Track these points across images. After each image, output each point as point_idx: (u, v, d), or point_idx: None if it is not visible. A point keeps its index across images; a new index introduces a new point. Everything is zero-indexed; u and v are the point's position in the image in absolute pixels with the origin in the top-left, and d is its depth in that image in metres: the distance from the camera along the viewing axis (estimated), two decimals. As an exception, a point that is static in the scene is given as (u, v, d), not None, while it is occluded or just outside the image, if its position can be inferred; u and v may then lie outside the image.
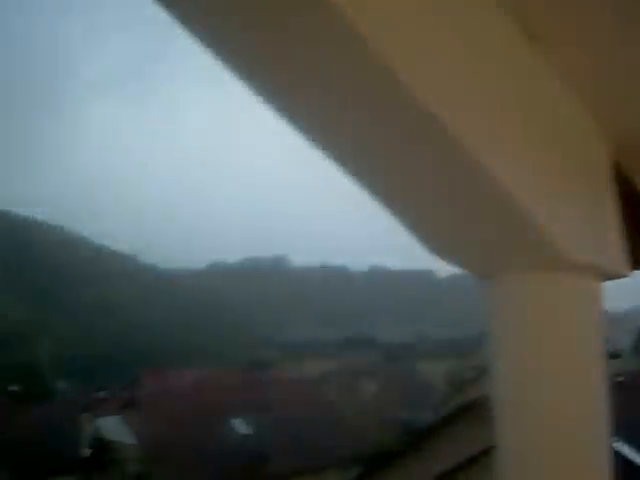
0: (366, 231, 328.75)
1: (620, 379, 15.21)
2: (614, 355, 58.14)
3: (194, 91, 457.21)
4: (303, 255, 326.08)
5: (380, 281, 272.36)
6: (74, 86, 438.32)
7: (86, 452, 43.85)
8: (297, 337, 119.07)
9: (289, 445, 39.77)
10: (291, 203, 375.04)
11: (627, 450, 14.34)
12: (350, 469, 35.21)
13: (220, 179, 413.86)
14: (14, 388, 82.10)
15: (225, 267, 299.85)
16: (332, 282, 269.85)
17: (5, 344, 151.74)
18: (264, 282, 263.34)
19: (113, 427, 40.24)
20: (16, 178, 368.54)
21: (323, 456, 39.10)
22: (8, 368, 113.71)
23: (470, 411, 15.01)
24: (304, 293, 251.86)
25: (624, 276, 1.99)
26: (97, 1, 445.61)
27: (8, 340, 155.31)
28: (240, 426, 40.69)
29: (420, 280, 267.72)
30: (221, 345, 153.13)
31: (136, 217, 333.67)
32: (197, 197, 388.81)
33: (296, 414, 42.39)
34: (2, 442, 53.10)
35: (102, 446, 40.95)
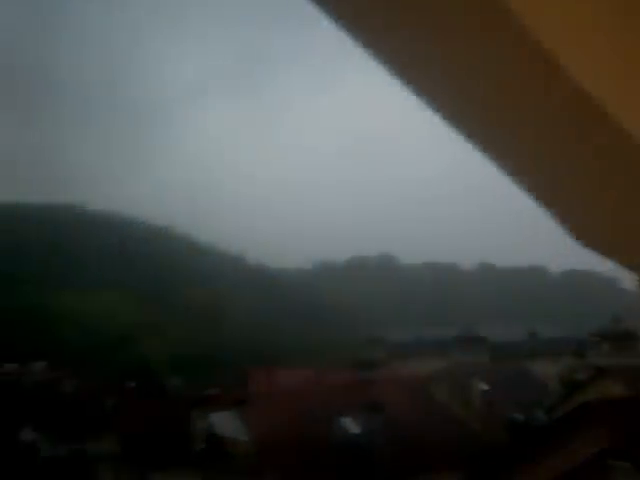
0: (476, 228, 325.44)
1: None
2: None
3: (296, 92, 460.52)
4: (410, 253, 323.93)
5: (490, 278, 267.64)
6: (178, 88, 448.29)
7: (200, 446, 44.92)
8: (405, 336, 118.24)
9: (399, 445, 39.62)
10: (399, 201, 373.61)
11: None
12: (462, 470, 34.88)
13: (324, 179, 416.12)
14: (131, 385, 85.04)
15: (332, 266, 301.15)
16: (440, 280, 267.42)
17: (121, 343, 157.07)
18: (371, 281, 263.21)
19: (226, 423, 41.03)
20: (125, 180, 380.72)
21: (434, 456, 38.76)
22: (125, 366, 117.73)
23: (587, 412, 14.66)
24: (412, 291, 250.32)
25: None
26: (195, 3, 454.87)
27: (124, 339, 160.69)
28: (350, 425, 40.80)
29: (531, 277, 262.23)
30: (329, 344, 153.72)
31: (243, 217, 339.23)
32: (302, 197, 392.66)
33: (405, 414, 42.19)
34: (119, 436, 55.17)
35: (216, 441, 41.82)
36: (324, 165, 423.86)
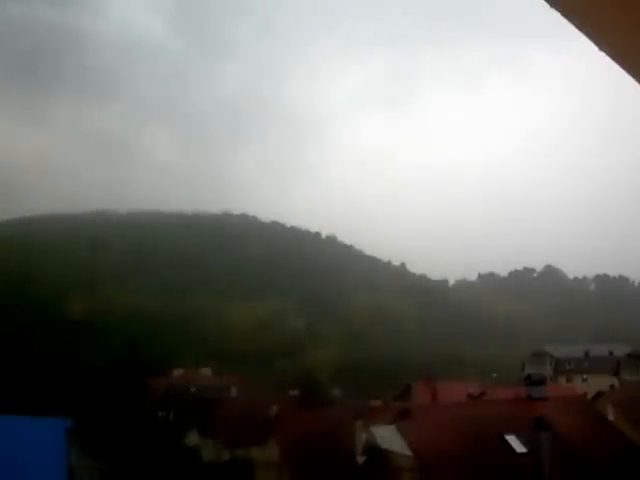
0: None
1: None
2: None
3: (442, 106, 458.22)
4: (576, 265, 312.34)
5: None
6: (328, 104, 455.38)
7: (360, 459, 44.65)
8: (572, 352, 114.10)
9: (566, 466, 37.93)
10: (565, 212, 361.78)
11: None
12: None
13: (485, 190, 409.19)
14: (294, 393, 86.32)
15: (496, 278, 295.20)
16: (609, 294, 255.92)
17: (286, 351, 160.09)
18: (535, 293, 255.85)
19: (388, 436, 40.57)
20: (286, 193, 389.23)
21: (603, 477, 36.89)
22: (289, 374, 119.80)
23: None
24: (578, 305, 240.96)
25: None
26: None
27: (288, 347, 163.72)
28: (514, 443, 39.41)
29: None
30: (493, 358, 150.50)
31: (404, 228, 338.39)
32: (461, 208, 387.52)
33: (573, 433, 40.35)
34: (281, 444, 55.84)
35: (377, 454, 41.44)
36: (485, 176, 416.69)
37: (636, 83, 2.79)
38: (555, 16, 2.51)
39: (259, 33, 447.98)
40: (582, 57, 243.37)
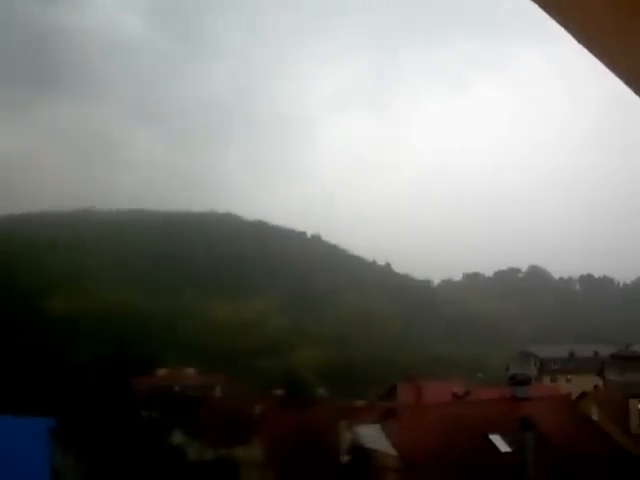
0: (632, 243, 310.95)
1: None
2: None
3: (425, 105, 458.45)
4: (562, 265, 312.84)
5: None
6: (314, 103, 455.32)
7: (344, 458, 44.63)
8: (557, 352, 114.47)
9: (551, 466, 38.05)
10: (551, 211, 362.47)
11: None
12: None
13: (469, 189, 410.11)
14: (279, 393, 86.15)
15: (481, 278, 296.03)
16: (594, 294, 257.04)
17: (270, 351, 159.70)
18: (520, 293, 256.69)
19: (373, 436, 40.60)
20: (271, 192, 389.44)
21: (587, 476, 37.06)
22: (273, 374, 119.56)
23: None
24: (564, 306, 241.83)
25: None
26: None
27: (273, 347, 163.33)
28: (499, 443, 39.51)
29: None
30: (477, 358, 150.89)
31: (387, 229, 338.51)
32: (446, 208, 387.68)
33: (557, 433, 40.49)
34: (266, 443, 55.76)
35: (361, 454, 41.44)
36: (470, 176, 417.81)
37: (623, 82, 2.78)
38: (540, 15, 2.50)
39: (245, 32, 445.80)
40: (568, 56, 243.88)
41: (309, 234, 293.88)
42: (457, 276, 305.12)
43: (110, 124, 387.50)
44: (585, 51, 2.58)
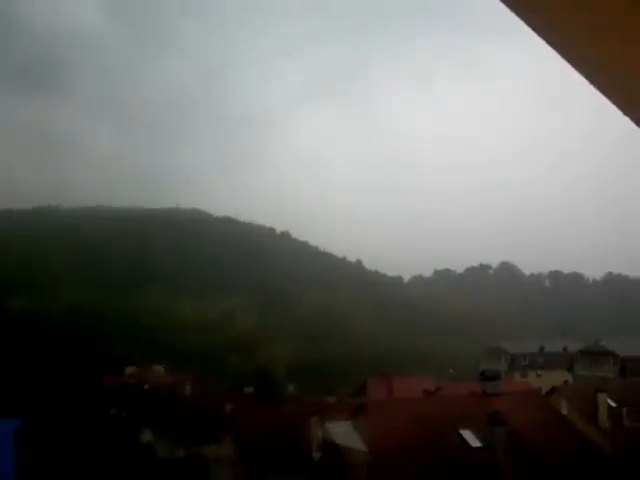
0: (603, 238, 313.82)
1: None
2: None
3: (393, 100, 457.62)
4: (532, 262, 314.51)
5: (619, 290, 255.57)
6: (278, 98, 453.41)
7: (316, 455, 44.34)
8: (527, 347, 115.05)
9: (521, 461, 38.05)
10: (521, 211, 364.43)
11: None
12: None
13: (439, 186, 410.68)
14: (249, 390, 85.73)
15: (452, 275, 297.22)
16: (564, 290, 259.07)
17: (240, 348, 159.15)
18: (491, 290, 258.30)
19: (344, 432, 40.33)
20: (239, 188, 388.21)
21: (562, 474, 37.04)
22: (243, 371, 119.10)
23: None
24: (534, 302, 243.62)
25: None
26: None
27: (242, 344, 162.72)
28: (470, 438, 39.41)
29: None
30: (448, 354, 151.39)
31: (359, 225, 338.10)
32: (416, 204, 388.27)
33: (527, 428, 40.49)
34: (236, 441, 55.35)
35: (333, 450, 41.16)
36: (440, 173, 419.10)
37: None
38: (506, 12, 2.27)
39: (204, 27, 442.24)
40: (534, 53, 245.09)
41: (278, 231, 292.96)
42: (428, 272, 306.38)
43: (72, 120, 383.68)
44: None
